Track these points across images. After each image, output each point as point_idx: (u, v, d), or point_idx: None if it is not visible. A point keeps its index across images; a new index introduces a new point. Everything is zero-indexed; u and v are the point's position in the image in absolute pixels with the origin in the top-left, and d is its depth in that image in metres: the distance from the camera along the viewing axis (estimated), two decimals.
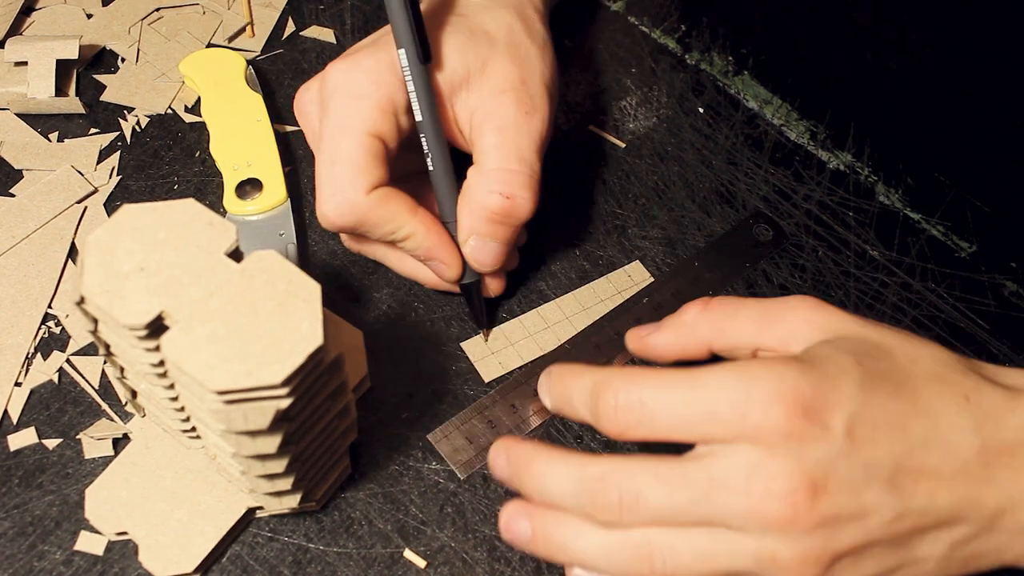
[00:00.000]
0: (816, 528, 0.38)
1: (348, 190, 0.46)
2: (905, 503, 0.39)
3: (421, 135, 0.48)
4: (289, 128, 0.59)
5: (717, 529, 0.38)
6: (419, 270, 0.51)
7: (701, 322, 0.44)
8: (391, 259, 0.52)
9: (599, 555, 0.40)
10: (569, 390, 0.41)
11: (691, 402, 0.39)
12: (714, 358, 0.44)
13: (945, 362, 0.42)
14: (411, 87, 0.47)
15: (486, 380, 0.50)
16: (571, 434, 0.49)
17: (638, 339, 0.46)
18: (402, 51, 0.46)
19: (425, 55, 0.46)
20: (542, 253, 0.55)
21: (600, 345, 0.52)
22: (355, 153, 0.46)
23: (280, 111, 0.60)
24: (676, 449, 0.39)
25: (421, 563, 0.45)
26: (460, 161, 0.50)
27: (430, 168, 0.49)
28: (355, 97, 0.47)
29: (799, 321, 0.42)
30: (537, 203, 0.48)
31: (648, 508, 0.38)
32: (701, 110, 0.61)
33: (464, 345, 0.51)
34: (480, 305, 0.51)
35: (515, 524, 0.41)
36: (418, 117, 0.47)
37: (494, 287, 0.52)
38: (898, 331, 0.42)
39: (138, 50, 0.62)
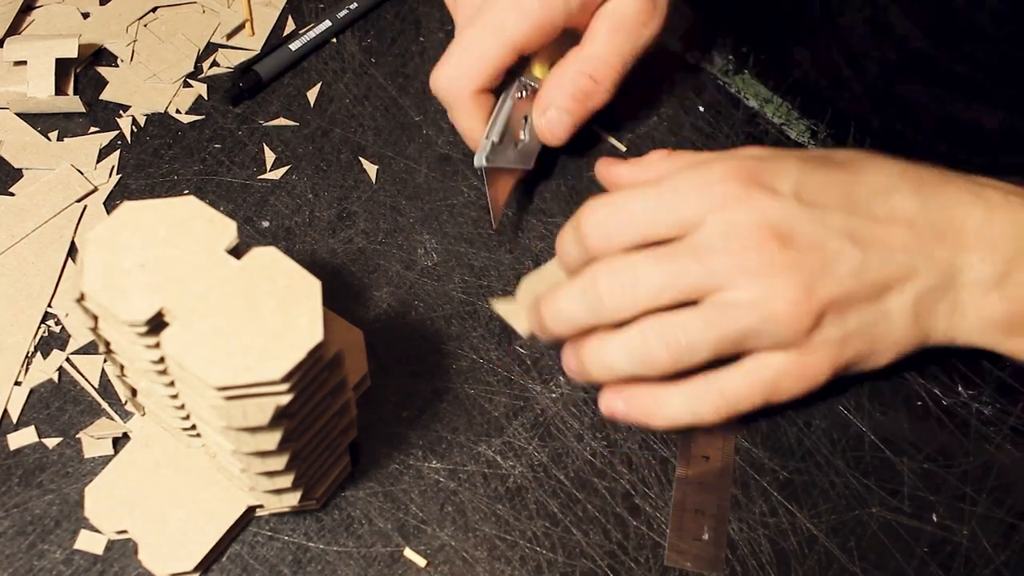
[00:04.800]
0: (792, 271, 0.43)
1: (463, 80, 0.51)
2: (865, 254, 0.44)
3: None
4: (284, 122, 0.59)
5: (714, 297, 0.44)
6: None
7: (664, 164, 0.50)
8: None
9: (623, 353, 0.45)
10: (561, 244, 0.48)
11: (660, 194, 0.45)
12: None
13: (879, 153, 0.48)
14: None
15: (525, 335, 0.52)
16: (571, 433, 0.49)
17: (604, 166, 0.53)
18: None
19: None
20: (543, 253, 0.55)
21: None
22: (491, 58, 0.50)
23: (278, 112, 0.60)
24: None
25: (421, 562, 0.45)
26: None
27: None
28: (520, 10, 0.50)
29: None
30: (610, 101, 0.54)
31: (646, 285, 0.44)
32: (701, 109, 0.60)
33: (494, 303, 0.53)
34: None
35: (567, 364, 0.48)
36: None
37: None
38: None
39: (133, 50, 0.61)
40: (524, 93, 0.54)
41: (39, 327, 0.51)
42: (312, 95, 0.60)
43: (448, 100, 0.52)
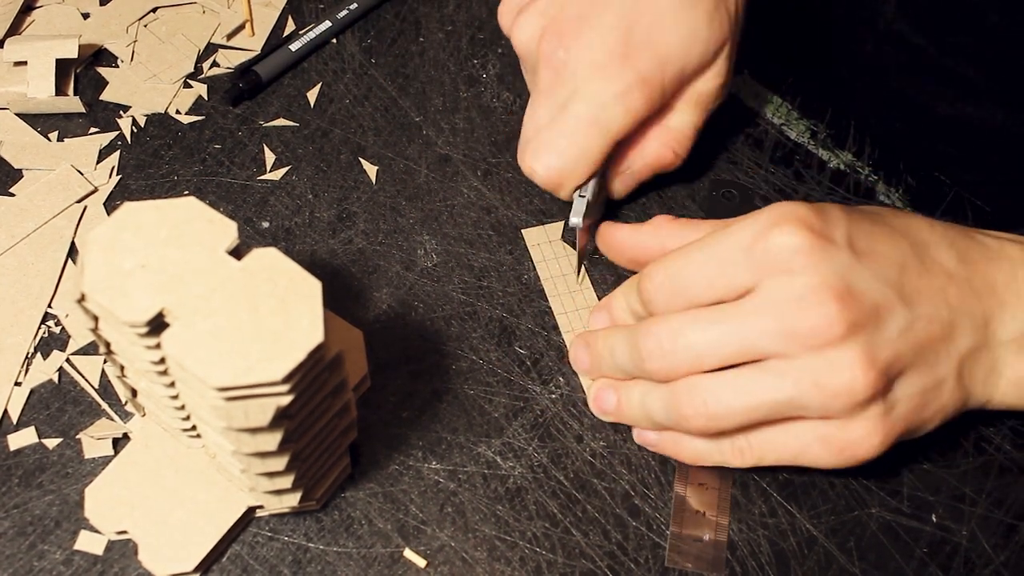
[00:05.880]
0: (853, 336, 0.40)
1: (570, 176, 0.50)
2: (913, 309, 0.42)
3: None
4: (284, 122, 0.59)
5: (758, 364, 0.41)
6: None
7: (666, 228, 0.49)
8: None
9: (659, 407, 0.44)
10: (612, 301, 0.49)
11: (709, 255, 0.43)
12: None
13: (902, 210, 0.47)
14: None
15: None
16: (571, 434, 0.49)
17: (605, 231, 0.52)
18: None
19: None
20: None
21: None
22: (597, 157, 0.50)
23: (278, 113, 0.60)
24: None
25: (421, 563, 0.45)
26: None
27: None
28: (626, 110, 0.50)
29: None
30: None
31: (687, 346, 0.42)
32: None
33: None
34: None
35: (604, 397, 0.47)
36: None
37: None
38: None
39: (133, 50, 0.61)
40: None
41: (39, 328, 0.51)
42: (312, 96, 0.60)
43: (552, 189, 0.51)
